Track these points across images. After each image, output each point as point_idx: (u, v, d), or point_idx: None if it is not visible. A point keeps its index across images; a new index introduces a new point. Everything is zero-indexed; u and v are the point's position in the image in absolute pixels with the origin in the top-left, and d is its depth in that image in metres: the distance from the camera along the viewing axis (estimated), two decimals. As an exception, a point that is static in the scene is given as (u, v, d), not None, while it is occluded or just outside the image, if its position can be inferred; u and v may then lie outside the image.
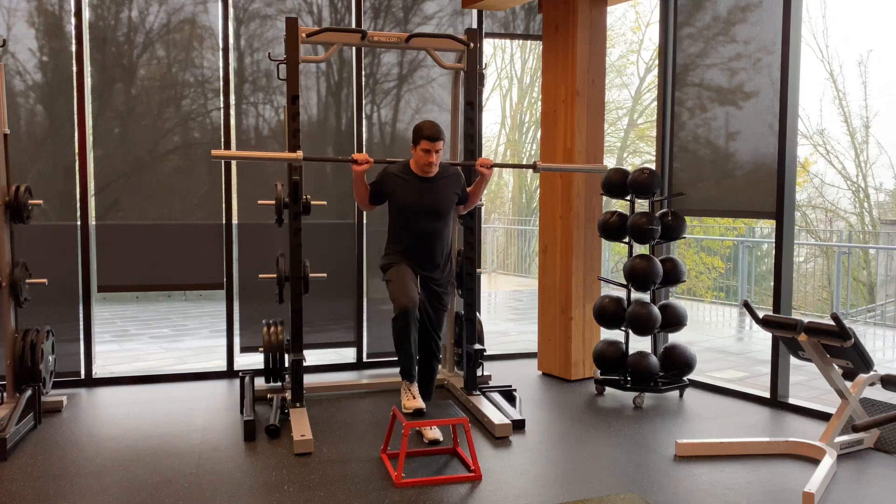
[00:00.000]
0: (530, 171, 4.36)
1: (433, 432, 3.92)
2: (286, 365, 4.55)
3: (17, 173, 4.68)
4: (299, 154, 3.99)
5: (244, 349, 5.30)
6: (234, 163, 5.28)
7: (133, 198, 5.13)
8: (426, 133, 3.76)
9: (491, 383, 5.02)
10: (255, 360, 5.23)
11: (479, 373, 4.75)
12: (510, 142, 18.00)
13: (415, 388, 3.77)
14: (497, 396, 4.56)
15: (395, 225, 3.96)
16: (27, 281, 4.39)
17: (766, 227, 11.55)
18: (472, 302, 4.56)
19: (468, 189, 4.12)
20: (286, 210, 4.37)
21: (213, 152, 3.88)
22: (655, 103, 11.39)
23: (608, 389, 5.00)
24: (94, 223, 5.06)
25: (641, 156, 17.29)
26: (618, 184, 4.90)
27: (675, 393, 4.90)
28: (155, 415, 4.44)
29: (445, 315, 4.14)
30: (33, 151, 4.92)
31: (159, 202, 5.16)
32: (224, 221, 5.26)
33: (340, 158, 4.10)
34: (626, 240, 4.91)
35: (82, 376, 5.07)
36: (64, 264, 4.98)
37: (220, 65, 5.18)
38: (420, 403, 3.65)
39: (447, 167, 4.02)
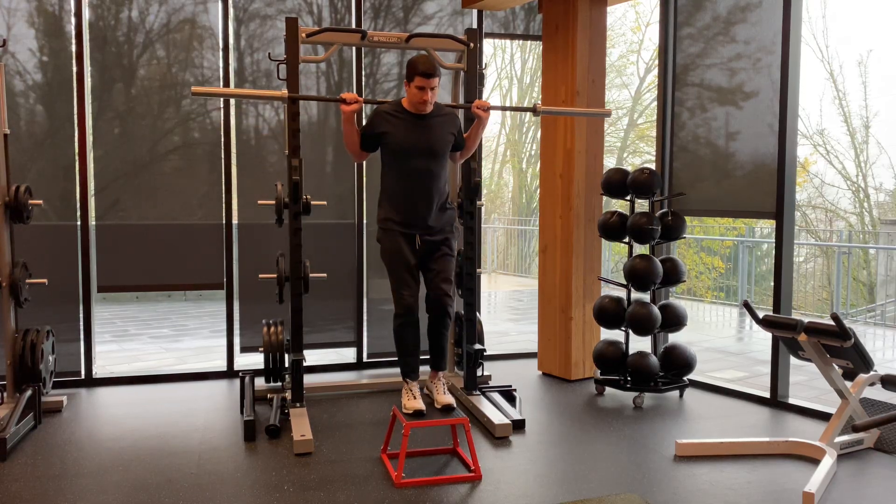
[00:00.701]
0: (530, 170, 4.35)
1: (446, 396, 3.69)
2: (286, 365, 4.55)
3: (17, 173, 4.68)
4: (284, 93, 3.96)
5: (244, 349, 5.30)
6: (234, 164, 5.28)
7: (133, 198, 5.13)
8: (421, 69, 3.54)
9: (491, 383, 5.02)
10: (255, 360, 5.23)
11: (479, 373, 4.75)
12: (510, 142, 18.00)
13: (415, 387, 3.69)
14: (497, 396, 4.56)
15: (389, 169, 3.73)
16: (27, 281, 4.39)
17: (766, 227, 11.55)
18: (472, 302, 4.56)
19: (465, 134, 3.92)
20: (286, 210, 4.37)
21: (194, 88, 3.73)
22: (655, 103, 11.39)
23: (608, 389, 5.00)
24: (94, 223, 5.06)
25: (641, 156, 17.29)
26: (618, 184, 4.90)
27: (675, 393, 4.90)
28: (155, 415, 4.44)
29: (454, 262, 3.84)
30: (33, 151, 4.92)
31: (159, 202, 5.16)
32: (224, 221, 5.26)
33: (329, 98, 4.01)
34: (626, 240, 4.90)
35: (82, 376, 5.07)
36: (64, 264, 4.98)
37: (220, 65, 5.18)
38: (420, 405, 3.58)
39: (442, 106, 3.81)
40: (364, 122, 3.76)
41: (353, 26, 5.43)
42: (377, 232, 3.81)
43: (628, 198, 4.90)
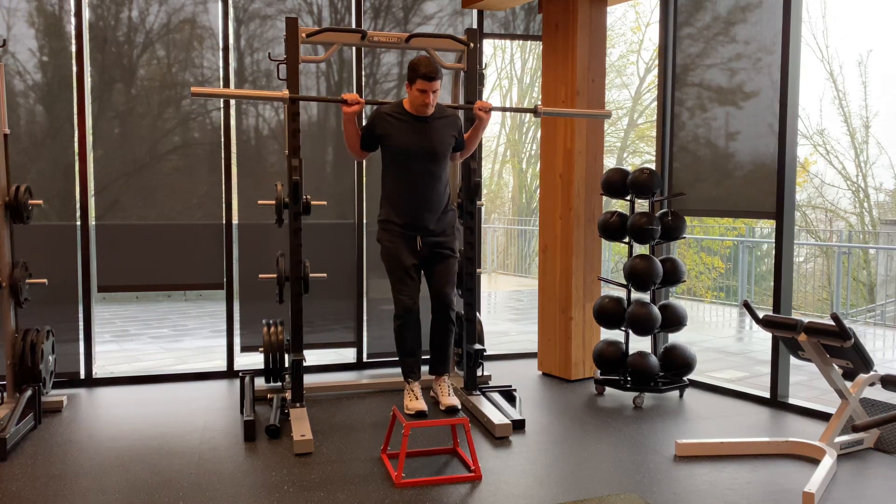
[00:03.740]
0: (530, 170, 4.35)
1: (451, 398, 3.66)
2: (286, 365, 4.55)
3: (17, 173, 4.68)
4: (285, 93, 3.92)
5: (244, 349, 5.30)
6: (234, 164, 5.28)
7: (133, 198, 5.13)
8: (422, 71, 3.51)
9: (491, 383, 5.02)
10: (255, 360, 5.23)
11: (479, 373, 4.75)
12: (510, 142, 18.00)
13: (417, 388, 3.67)
14: (497, 396, 4.56)
15: (390, 171, 3.72)
16: (27, 281, 4.39)
17: (766, 227, 11.55)
18: (472, 302, 4.56)
19: (465, 135, 3.91)
20: (286, 210, 4.37)
21: (193, 89, 3.73)
22: (655, 103, 11.39)
23: (608, 389, 5.00)
24: (94, 223, 5.06)
25: (641, 156, 17.29)
26: (618, 184, 4.90)
27: (675, 393, 4.90)
28: (155, 415, 4.44)
29: (456, 263, 3.81)
30: (33, 151, 4.92)
31: (159, 202, 5.16)
32: (224, 221, 5.26)
33: (330, 98, 3.99)
34: (626, 240, 4.90)
35: (82, 376, 5.07)
36: (64, 264, 4.98)
37: (220, 65, 5.18)
38: (422, 405, 3.57)
39: (444, 108, 3.79)
40: (365, 122, 3.76)
41: (353, 26, 5.43)
42: (377, 231, 3.81)
43: (628, 198, 4.90)
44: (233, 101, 5.20)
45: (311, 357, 5.49)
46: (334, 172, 5.48)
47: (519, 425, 4.18)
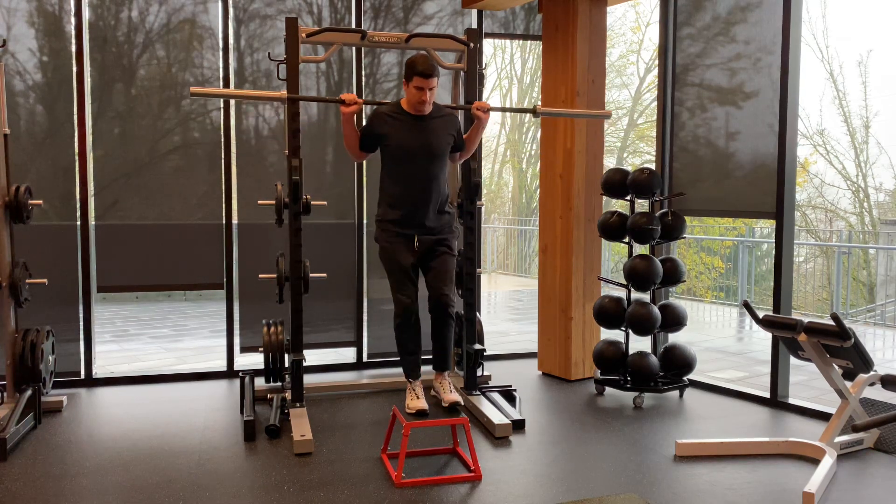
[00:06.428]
0: (530, 170, 4.35)
1: (453, 395, 3.70)
2: (286, 365, 4.55)
3: (17, 173, 4.68)
4: (283, 93, 3.92)
5: (244, 349, 5.30)
6: (234, 163, 5.28)
7: (133, 198, 5.13)
8: (419, 69, 3.54)
9: (491, 383, 5.02)
10: (255, 360, 5.23)
11: (479, 373, 4.75)
12: (510, 142, 18.00)
13: (418, 387, 3.72)
14: (497, 396, 4.56)
15: (389, 171, 3.72)
16: (27, 281, 4.39)
17: (766, 227, 11.55)
18: (472, 302, 4.56)
19: (464, 136, 3.91)
20: (286, 210, 4.37)
21: (192, 89, 3.71)
22: (655, 103, 11.39)
23: (608, 389, 5.00)
24: (94, 223, 5.06)
25: (641, 156, 17.30)
26: (618, 184, 4.90)
27: (675, 393, 4.90)
28: (155, 415, 4.44)
29: (454, 261, 3.83)
30: (33, 151, 4.92)
31: (159, 202, 5.16)
32: (224, 221, 5.26)
33: (328, 99, 4.00)
34: (626, 240, 4.90)
35: (82, 376, 5.07)
36: (64, 264, 4.98)
37: (220, 65, 5.18)
38: (423, 404, 3.61)
39: (441, 108, 3.79)
40: (364, 123, 3.77)
41: (353, 26, 5.43)
42: (375, 231, 3.84)
43: (628, 198, 4.90)
44: (233, 102, 5.20)
45: (311, 357, 5.49)
46: (334, 172, 5.48)
47: (519, 425, 4.18)
